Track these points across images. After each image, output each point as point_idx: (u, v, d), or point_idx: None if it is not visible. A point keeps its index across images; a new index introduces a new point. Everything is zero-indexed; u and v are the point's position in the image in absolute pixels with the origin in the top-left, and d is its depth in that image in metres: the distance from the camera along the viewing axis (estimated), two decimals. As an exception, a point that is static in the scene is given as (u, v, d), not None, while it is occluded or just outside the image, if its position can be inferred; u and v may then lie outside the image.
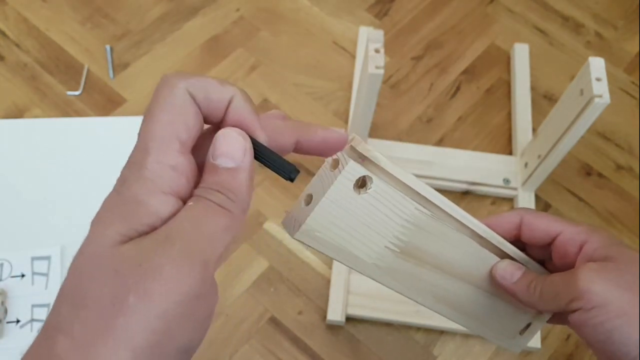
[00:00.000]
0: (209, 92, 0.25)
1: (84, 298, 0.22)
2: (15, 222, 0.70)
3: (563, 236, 0.35)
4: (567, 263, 0.35)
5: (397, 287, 0.33)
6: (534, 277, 0.35)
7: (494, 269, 0.36)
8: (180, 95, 0.25)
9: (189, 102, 0.25)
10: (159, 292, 0.22)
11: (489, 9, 0.94)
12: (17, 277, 0.66)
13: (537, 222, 0.36)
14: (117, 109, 0.80)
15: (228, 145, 0.25)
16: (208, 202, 0.24)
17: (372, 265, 0.31)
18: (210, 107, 0.25)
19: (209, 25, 0.87)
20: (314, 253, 0.71)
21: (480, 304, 0.37)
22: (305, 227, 0.28)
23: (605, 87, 0.59)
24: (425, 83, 0.86)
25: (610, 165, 0.82)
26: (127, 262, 0.22)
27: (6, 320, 0.64)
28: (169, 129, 0.24)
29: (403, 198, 0.30)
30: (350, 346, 0.67)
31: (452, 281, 0.35)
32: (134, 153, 0.25)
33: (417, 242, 0.32)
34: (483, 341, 0.68)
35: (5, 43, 0.83)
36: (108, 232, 0.23)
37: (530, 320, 0.39)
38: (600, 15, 0.94)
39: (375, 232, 0.30)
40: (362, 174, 0.28)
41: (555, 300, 0.33)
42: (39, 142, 0.76)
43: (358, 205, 0.29)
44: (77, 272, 0.23)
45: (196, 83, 0.25)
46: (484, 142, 0.82)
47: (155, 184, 0.24)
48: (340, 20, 0.90)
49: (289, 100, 0.82)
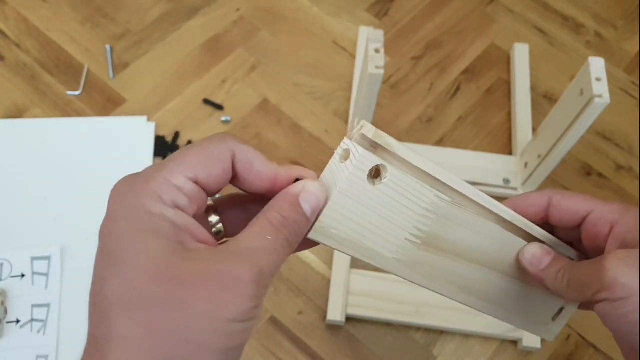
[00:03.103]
0: (252, 162, 0.27)
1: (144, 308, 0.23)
2: (15, 222, 0.70)
3: (593, 215, 0.33)
4: (597, 245, 0.33)
5: (420, 280, 0.31)
6: (563, 264, 0.33)
7: (521, 254, 0.34)
8: (222, 149, 0.27)
9: (226, 159, 0.27)
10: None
11: (489, 9, 0.94)
12: (17, 277, 0.66)
13: (566, 202, 0.34)
14: (117, 108, 0.80)
15: (314, 194, 0.27)
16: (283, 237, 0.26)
17: (393, 260, 0.30)
18: (249, 176, 0.28)
19: (209, 25, 0.87)
20: (314, 253, 0.71)
21: (508, 292, 0.35)
22: (319, 224, 0.27)
23: (605, 87, 0.59)
24: (425, 83, 0.86)
25: (610, 165, 0.82)
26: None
27: (6, 321, 0.64)
28: (192, 164, 0.26)
29: (421, 186, 0.28)
30: (350, 346, 0.67)
31: (477, 270, 0.33)
32: (164, 161, 0.27)
33: (438, 232, 0.30)
34: (483, 341, 0.68)
35: (5, 43, 0.83)
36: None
37: (563, 304, 0.37)
38: (600, 15, 0.94)
39: (394, 225, 0.29)
40: (376, 163, 0.27)
41: (582, 291, 0.31)
42: (39, 142, 0.76)
43: (373, 197, 0.27)
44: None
45: (244, 149, 0.27)
46: (484, 142, 0.82)
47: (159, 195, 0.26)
48: (340, 20, 0.90)
49: (289, 100, 0.82)
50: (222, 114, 0.80)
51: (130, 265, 0.24)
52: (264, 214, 0.27)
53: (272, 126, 0.80)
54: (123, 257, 0.24)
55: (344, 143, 0.27)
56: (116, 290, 0.23)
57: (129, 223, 0.24)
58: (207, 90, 0.82)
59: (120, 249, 0.24)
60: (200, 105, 0.81)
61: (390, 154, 0.27)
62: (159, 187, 0.25)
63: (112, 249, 0.24)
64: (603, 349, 0.69)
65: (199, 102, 0.81)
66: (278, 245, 0.26)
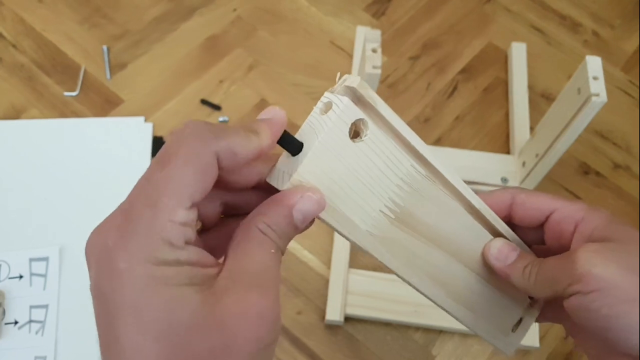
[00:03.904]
0: (235, 152, 0.25)
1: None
2: (13, 223, 0.70)
3: (558, 214, 0.32)
4: (561, 244, 0.33)
5: (391, 262, 0.30)
6: (529, 260, 0.33)
7: (487, 248, 0.34)
8: (207, 156, 0.24)
9: (213, 164, 0.24)
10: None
11: (487, 9, 0.94)
12: (15, 279, 0.66)
13: (530, 200, 0.33)
14: (114, 109, 0.79)
15: (309, 206, 0.26)
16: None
17: (366, 232, 0.29)
18: (236, 168, 0.26)
19: (207, 25, 0.87)
20: (313, 253, 0.71)
21: (474, 292, 0.35)
22: (297, 176, 0.25)
23: (602, 86, 0.59)
24: (423, 83, 0.86)
25: (607, 164, 0.82)
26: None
27: (4, 322, 0.64)
28: (187, 191, 0.24)
29: (399, 152, 0.28)
30: (349, 346, 0.67)
31: (447, 259, 0.33)
32: (149, 191, 0.24)
33: (412, 208, 0.30)
34: (481, 341, 0.68)
35: (2, 44, 0.83)
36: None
37: (521, 314, 0.37)
38: (597, 14, 0.95)
39: (370, 192, 0.28)
40: (359, 116, 0.26)
41: (552, 285, 0.31)
42: (36, 143, 0.75)
43: (353, 155, 0.26)
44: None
45: (224, 145, 0.24)
46: (482, 142, 0.82)
47: (163, 239, 0.23)
48: (338, 20, 0.90)
49: (287, 100, 0.82)
50: (219, 114, 0.80)
51: (154, 319, 0.22)
52: (255, 225, 0.26)
53: (270, 126, 0.80)
54: (143, 313, 0.22)
55: (325, 97, 0.26)
56: (149, 348, 0.22)
57: (142, 277, 0.22)
58: (205, 91, 0.82)
59: (136, 306, 0.22)
60: (198, 106, 0.81)
61: (373, 111, 0.26)
62: (167, 233, 0.23)
63: (123, 306, 0.22)
64: (601, 348, 0.69)
65: (196, 102, 0.81)
66: (276, 259, 0.26)
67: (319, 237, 0.72)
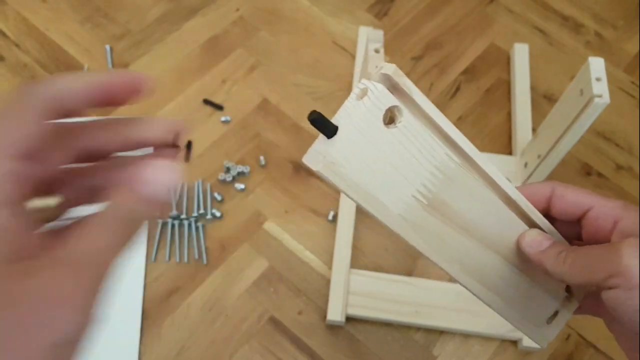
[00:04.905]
0: (63, 98, 0.24)
1: None
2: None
3: (595, 211, 0.33)
4: (598, 240, 0.32)
5: (422, 247, 0.30)
6: (564, 247, 0.33)
7: (521, 237, 0.34)
8: (33, 102, 0.23)
9: (40, 110, 0.24)
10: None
11: (489, 9, 0.94)
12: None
13: (569, 194, 0.34)
14: (116, 109, 0.80)
15: (159, 177, 0.25)
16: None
17: (398, 216, 0.29)
18: (65, 105, 0.25)
19: (208, 25, 0.87)
20: (314, 253, 0.71)
21: (508, 281, 0.35)
22: (330, 158, 0.26)
23: (605, 87, 0.59)
24: (425, 83, 0.86)
25: (610, 165, 0.82)
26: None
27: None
28: (7, 140, 0.23)
29: (433, 140, 0.28)
30: (350, 346, 0.67)
31: (478, 248, 0.33)
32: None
33: (444, 196, 0.30)
34: (483, 341, 0.68)
35: (5, 43, 0.83)
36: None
37: (557, 307, 0.37)
38: (600, 15, 0.94)
39: (402, 177, 0.28)
40: (393, 103, 0.26)
41: (589, 273, 0.30)
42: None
43: (386, 141, 0.27)
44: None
45: (52, 89, 0.24)
46: (484, 142, 0.82)
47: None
48: (339, 20, 0.90)
49: (288, 100, 0.82)
50: (221, 114, 0.80)
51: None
52: (103, 212, 0.24)
53: (272, 126, 0.80)
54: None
55: (362, 83, 0.27)
56: None
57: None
58: (207, 91, 0.82)
59: None
60: (200, 106, 0.81)
61: (407, 99, 0.27)
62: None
63: None
64: (603, 349, 0.69)
65: (198, 102, 0.81)
66: (114, 242, 0.24)
67: (321, 238, 0.72)
